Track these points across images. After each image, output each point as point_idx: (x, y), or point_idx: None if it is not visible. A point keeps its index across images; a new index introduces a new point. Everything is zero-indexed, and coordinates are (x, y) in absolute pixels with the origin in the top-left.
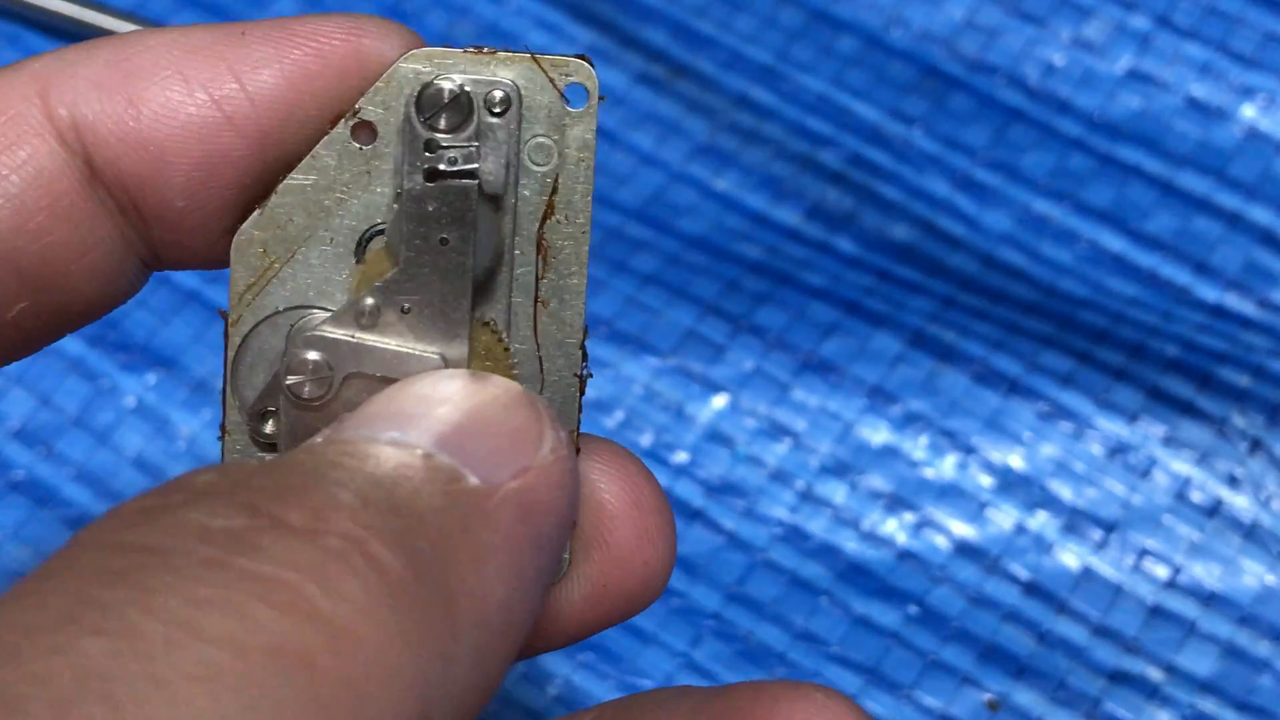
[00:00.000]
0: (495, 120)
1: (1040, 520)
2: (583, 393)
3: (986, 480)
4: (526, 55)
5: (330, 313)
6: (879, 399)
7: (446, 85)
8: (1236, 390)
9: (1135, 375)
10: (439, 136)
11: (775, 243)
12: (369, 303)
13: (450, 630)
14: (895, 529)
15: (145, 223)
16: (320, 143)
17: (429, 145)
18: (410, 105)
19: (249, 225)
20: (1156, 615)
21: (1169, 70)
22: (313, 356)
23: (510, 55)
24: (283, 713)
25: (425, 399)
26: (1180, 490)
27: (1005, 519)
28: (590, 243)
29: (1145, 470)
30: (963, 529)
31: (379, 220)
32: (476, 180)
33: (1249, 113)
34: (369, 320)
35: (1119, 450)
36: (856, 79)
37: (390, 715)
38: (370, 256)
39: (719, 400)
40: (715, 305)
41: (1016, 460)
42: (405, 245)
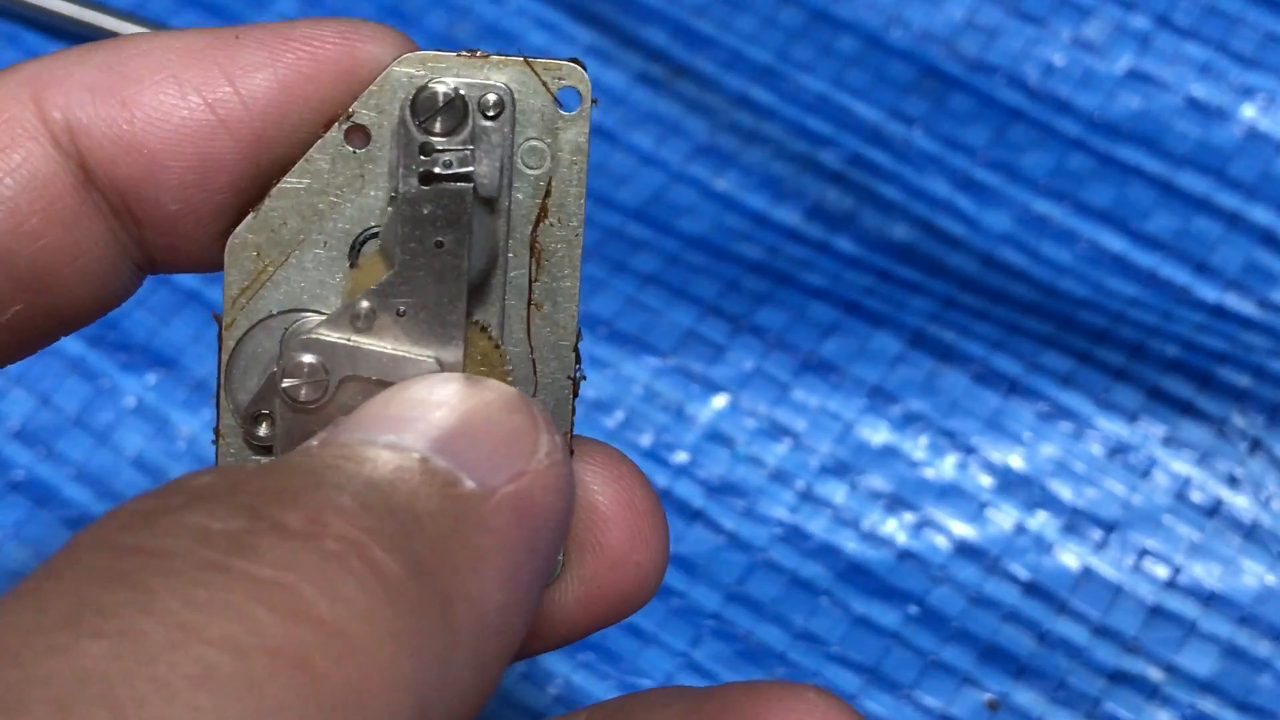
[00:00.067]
0: (489, 123)
1: (1040, 520)
2: (576, 395)
3: (986, 480)
4: (519, 59)
5: (324, 316)
6: (879, 399)
7: (441, 89)
8: (1236, 390)
9: (1135, 375)
10: (434, 140)
11: (775, 243)
12: (364, 306)
13: (448, 633)
14: (895, 529)
15: (139, 226)
16: (314, 146)
17: (424, 148)
18: (405, 109)
19: (243, 229)
20: (1156, 615)
21: (1169, 70)
22: (309, 359)
23: (503, 59)
24: (282, 715)
25: (421, 403)
26: (1180, 490)
27: (1005, 519)
28: (583, 246)
29: (1145, 470)
30: (963, 529)
31: (373, 224)
32: (471, 183)
33: (1249, 113)
34: (364, 323)
35: (1119, 450)
36: (856, 79)
37: (388, 717)
38: (364, 260)
39: (719, 400)
40: (715, 305)
41: (1016, 460)
42: (400, 248)
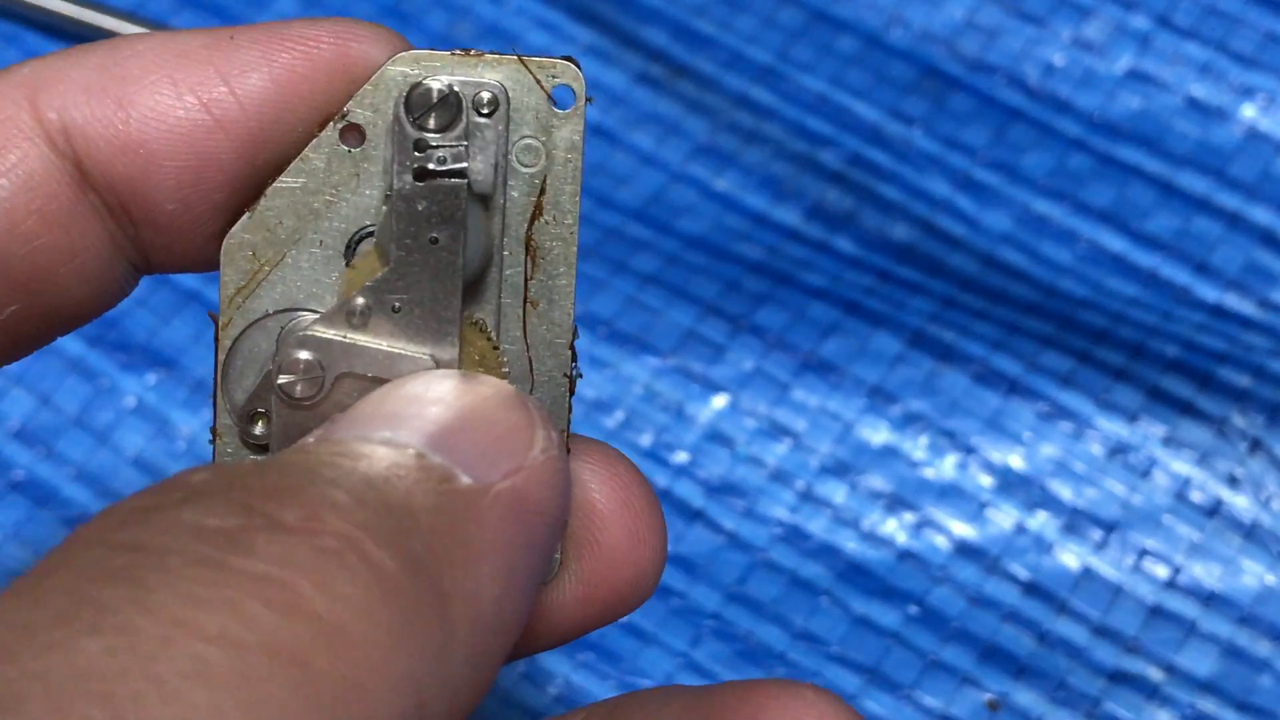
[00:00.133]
0: (483, 121)
1: (1040, 520)
2: (572, 393)
3: (986, 480)
4: (513, 57)
5: (320, 315)
6: (879, 399)
7: (435, 85)
8: (1236, 390)
9: (1135, 375)
10: (428, 136)
11: (775, 243)
12: (360, 302)
13: (444, 629)
14: (895, 529)
15: (135, 226)
16: (309, 146)
17: (418, 145)
18: (399, 105)
19: (238, 228)
20: (1156, 615)
21: (1169, 70)
22: (304, 356)
23: (497, 57)
24: (279, 711)
25: (417, 399)
26: (1180, 490)
27: (1005, 519)
28: (581, 245)
29: (1145, 470)
30: (963, 529)
31: (368, 223)
32: (466, 179)
33: (1249, 113)
34: (360, 320)
35: (1119, 450)
36: (856, 79)
37: (385, 713)
38: (360, 258)
39: (719, 400)
40: (715, 305)
41: (1016, 460)
42: (395, 245)
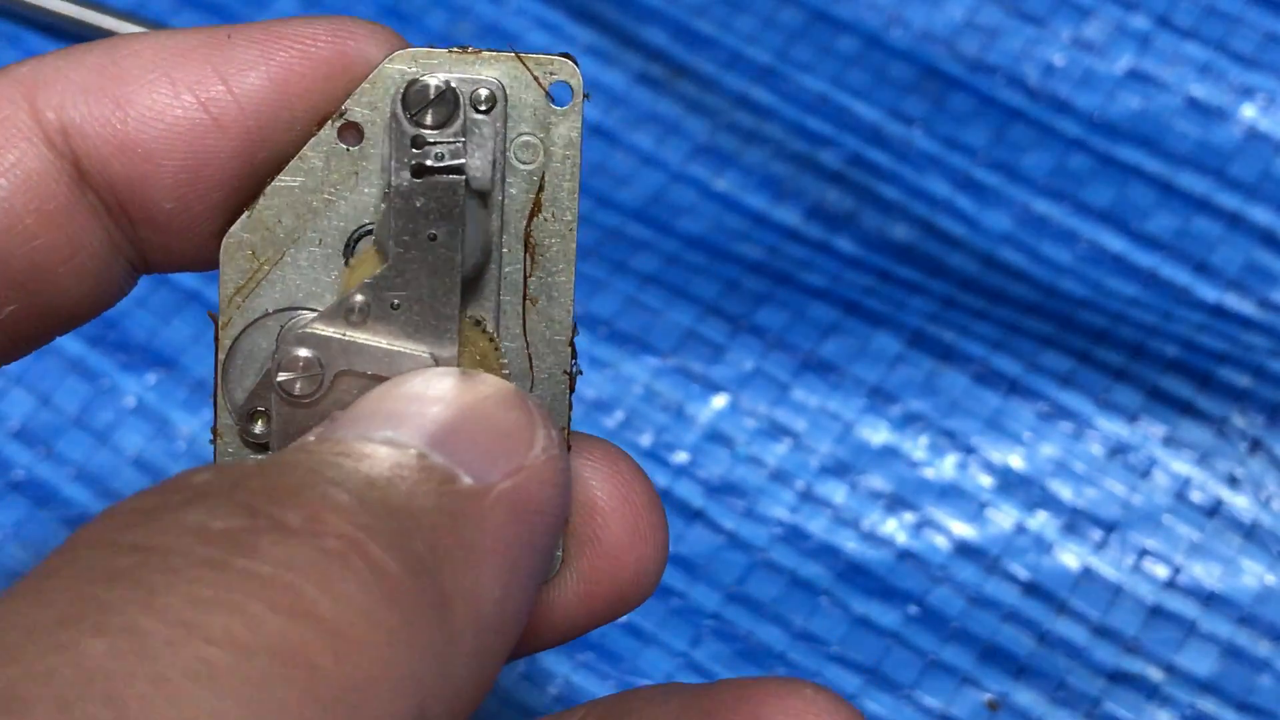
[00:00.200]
0: (481, 117)
1: (1040, 520)
2: (572, 390)
3: (986, 480)
4: (511, 54)
5: (320, 312)
6: (879, 399)
7: (432, 81)
8: (1236, 390)
9: (1135, 375)
10: (425, 132)
11: (775, 243)
12: (359, 299)
13: (446, 630)
14: (895, 529)
15: (134, 225)
16: (307, 144)
17: (415, 141)
18: (396, 102)
19: (238, 227)
20: (1156, 615)
21: (1169, 70)
22: (303, 353)
23: (495, 54)
24: (283, 712)
25: (418, 398)
26: (1180, 490)
27: (1005, 519)
28: (582, 244)
29: (1145, 470)
30: (963, 529)
31: (367, 221)
32: (464, 175)
33: (1249, 113)
34: (359, 317)
35: (1119, 450)
36: (856, 79)
37: (388, 714)
38: (359, 256)
39: (719, 400)
40: (715, 305)
41: (1016, 460)
42: (394, 242)
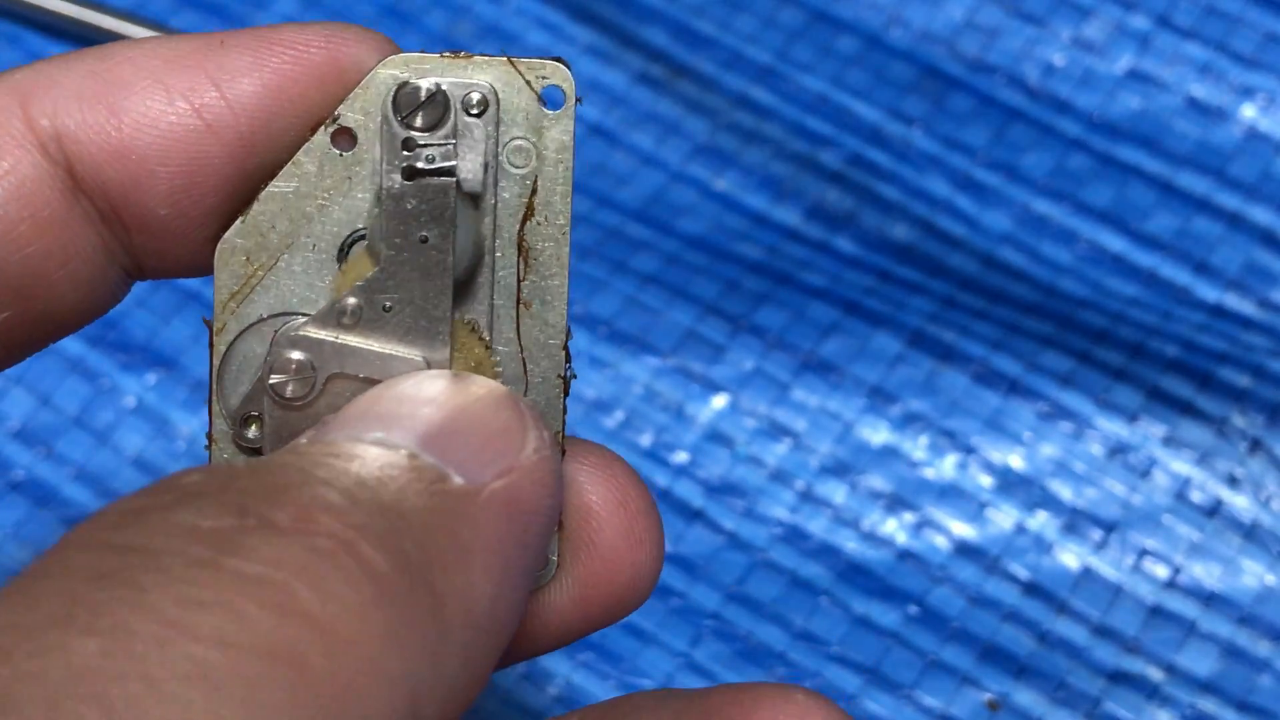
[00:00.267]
0: (472, 120)
1: (1040, 520)
2: (567, 394)
3: (986, 480)
4: (503, 58)
5: (312, 315)
6: (879, 399)
7: (423, 84)
8: (1236, 390)
9: (1135, 375)
10: (416, 135)
11: (775, 243)
12: (351, 302)
13: (438, 629)
14: (895, 529)
15: (128, 232)
16: (301, 150)
17: (406, 144)
18: (387, 104)
19: (232, 233)
20: (1156, 615)
21: (1169, 70)
22: (296, 356)
23: (487, 59)
24: (273, 711)
25: (409, 399)
26: (1180, 490)
27: (1005, 519)
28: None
29: (1145, 470)
30: (963, 529)
31: (361, 226)
32: (455, 177)
33: (1249, 113)
34: (351, 319)
35: (1119, 450)
36: (856, 79)
37: (379, 713)
38: (351, 259)
39: (719, 400)
40: (715, 305)
41: (1016, 460)
42: (385, 244)
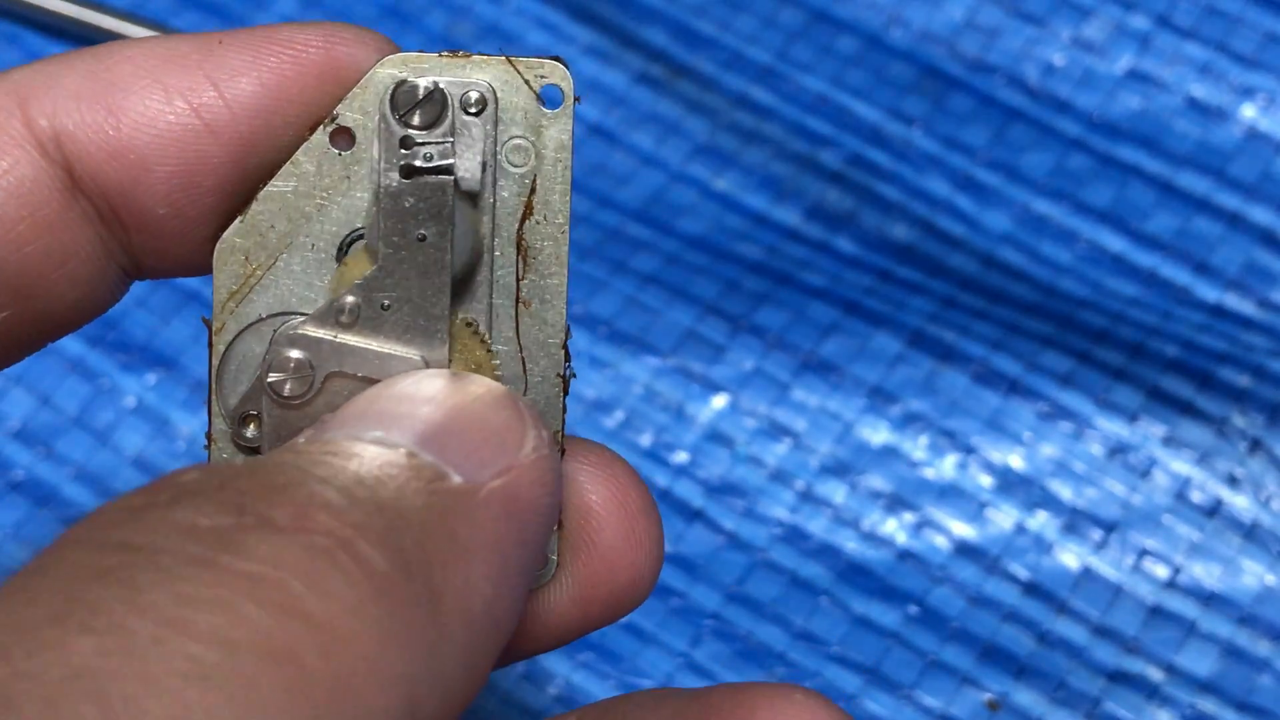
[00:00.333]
0: (470, 119)
1: (1040, 520)
2: (566, 393)
3: (986, 480)
4: (501, 58)
5: (311, 314)
6: (879, 399)
7: (421, 82)
8: (1236, 390)
9: (1135, 375)
10: (414, 133)
11: (775, 243)
12: (349, 300)
13: (436, 627)
14: (895, 529)
15: (127, 231)
16: (299, 149)
17: (404, 142)
18: (385, 103)
19: (230, 233)
20: (1156, 615)
21: (1169, 70)
22: (295, 354)
23: (485, 58)
24: (271, 710)
25: (408, 398)
26: (1180, 490)
27: (1005, 519)
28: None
29: (1145, 470)
30: (963, 529)
31: (359, 225)
32: (453, 176)
33: (1249, 113)
34: (349, 318)
35: (1119, 450)
36: (856, 79)
37: (377, 711)
38: (350, 258)
39: (719, 400)
40: (715, 305)
41: (1016, 460)
42: (383, 242)
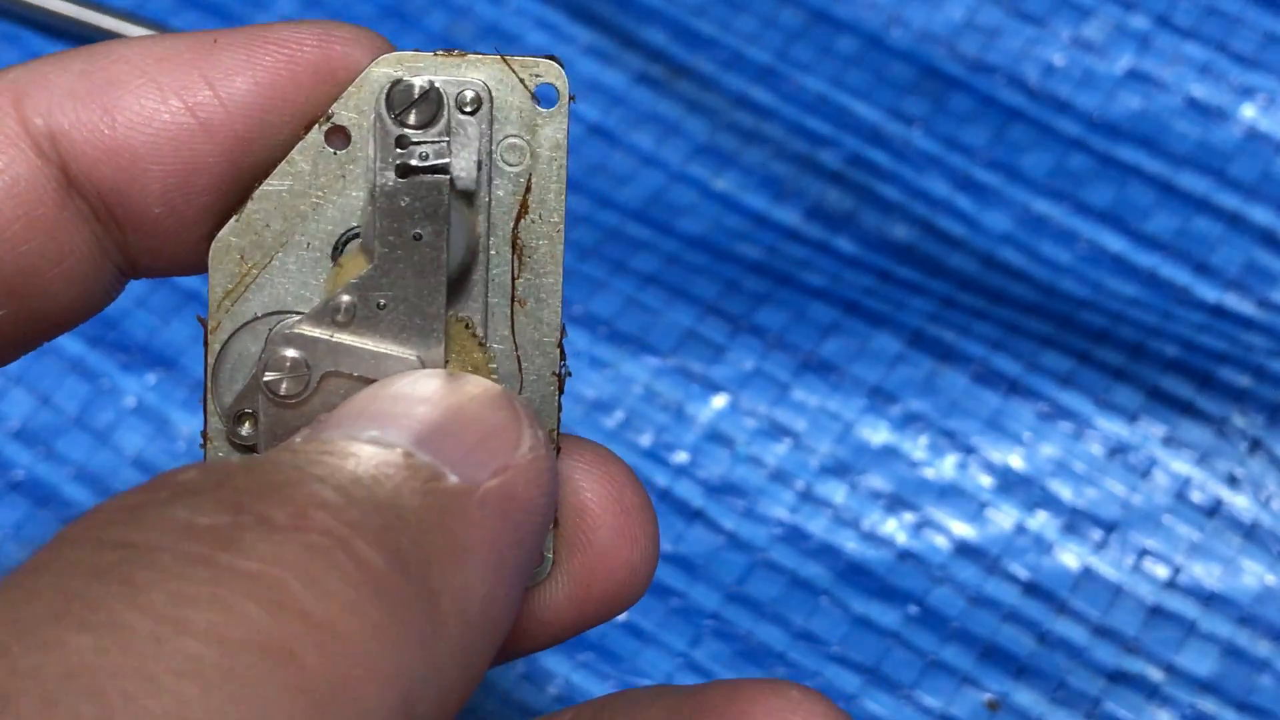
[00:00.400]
0: (465, 118)
1: (1040, 520)
2: (561, 391)
3: (986, 480)
4: (496, 57)
5: (307, 313)
6: (879, 399)
7: (416, 81)
8: (1236, 390)
9: (1135, 375)
10: (409, 132)
11: (775, 243)
12: (345, 300)
13: (433, 626)
14: (895, 529)
15: (122, 230)
16: (295, 148)
17: (400, 141)
18: (380, 102)
19: (226, 232)
20: (1156, 615)
21: (1169, 70)
22: (291, 354)
23: (480, 57)
24: (269, 708)
25: (404, 398)
26: (1180, 490)
27: (1005, 519)
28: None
29: (1145, 470)
30: (963, 529)
31: (355, 224)
32: (448, 175)
33: (1249, 113)
34: (345, 317)
35: (1119, 450)
36: (856, 79)
37: (374, 710)
38: (346, 257)
39: (719, 400)
40: (715, 305)
41: (1016, 460)
42: (379, 241)
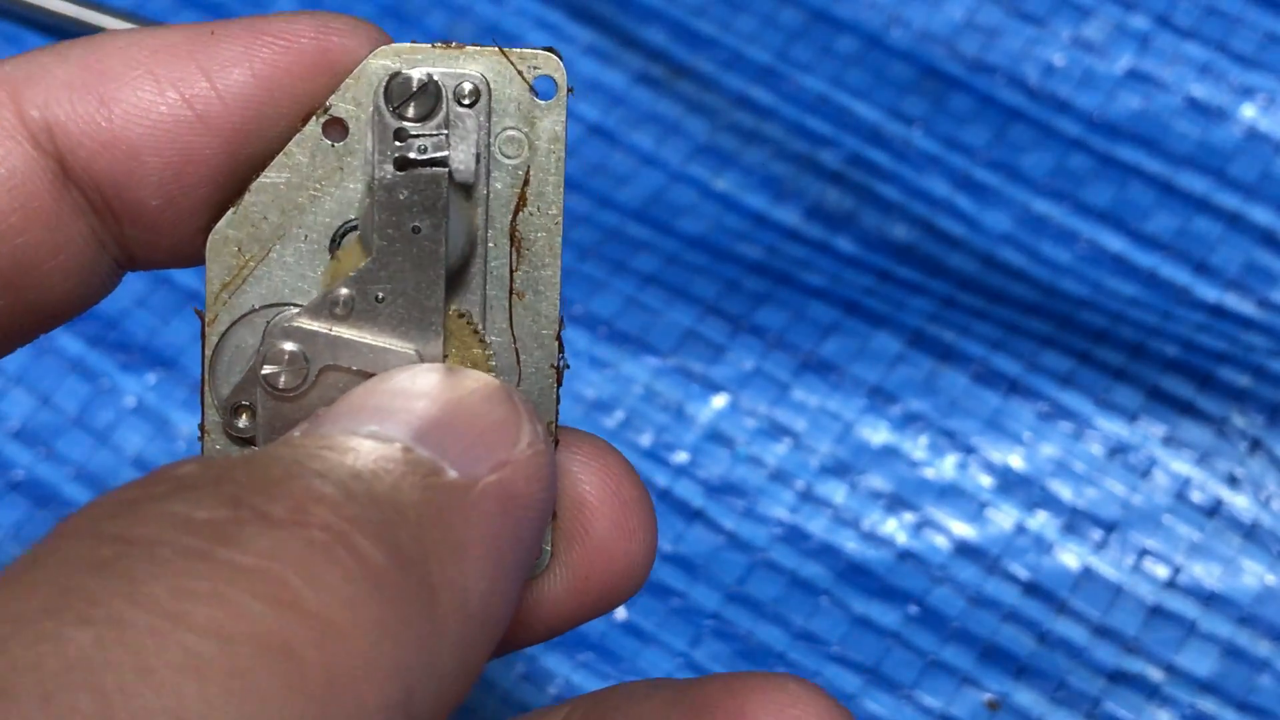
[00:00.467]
0: (463, 110)
1: (1040, 520)
2: (560, 384)
3: (986, 480)
4: (494, 49)
5: (305, 306)
6: (879, 399)
7: (415, 74)
8: (1236, 390)
9: (1135, 375)
10: (408, 125)
11: (775, 243)
12: (343, 293)
13: (432, 621)
14: (895, 529)
15: (119, 222)
16: (292, 140)
17: (398, 134)
18: (378, 95)
19: (223, 224)
20: (1156, 615)
21: (1169, 70)
22: (289, 347)
23: (478, 49)
24: (267, 702)
25: (403, 393)
26: (1180, 490)
27: (1005, 519)
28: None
29: (1145, 470)
30: (963, 529)
31: (352, 216)
32: (447, 168)
33: (1249, 113)
34: (343, 310)
35: (1119, 450)
36: (856, 79)
37: (373, 704)
38: (343, 250)
39: (719, 400)
40: (715, 305)
41: (1016, 460)
42: (378, 234)
